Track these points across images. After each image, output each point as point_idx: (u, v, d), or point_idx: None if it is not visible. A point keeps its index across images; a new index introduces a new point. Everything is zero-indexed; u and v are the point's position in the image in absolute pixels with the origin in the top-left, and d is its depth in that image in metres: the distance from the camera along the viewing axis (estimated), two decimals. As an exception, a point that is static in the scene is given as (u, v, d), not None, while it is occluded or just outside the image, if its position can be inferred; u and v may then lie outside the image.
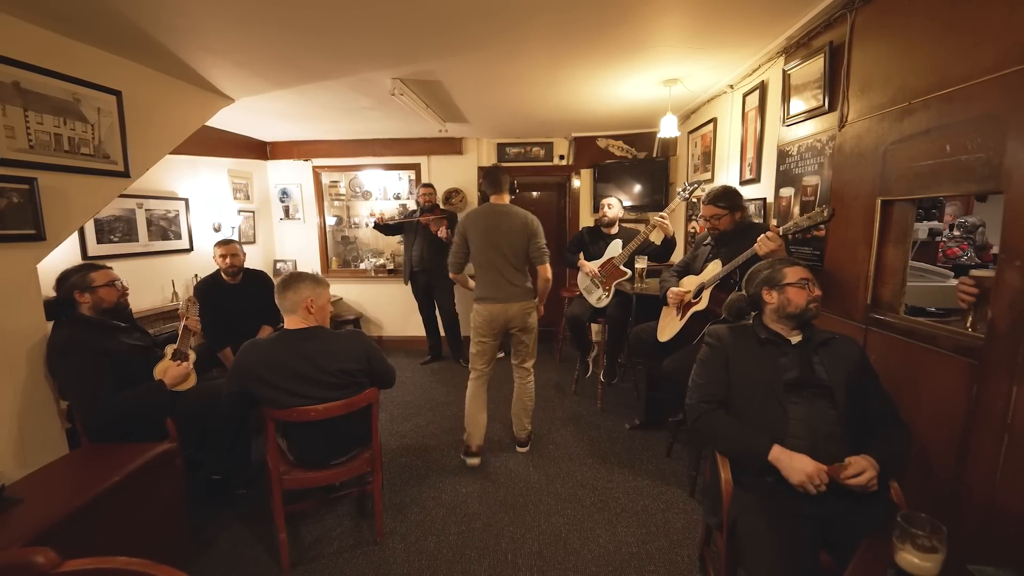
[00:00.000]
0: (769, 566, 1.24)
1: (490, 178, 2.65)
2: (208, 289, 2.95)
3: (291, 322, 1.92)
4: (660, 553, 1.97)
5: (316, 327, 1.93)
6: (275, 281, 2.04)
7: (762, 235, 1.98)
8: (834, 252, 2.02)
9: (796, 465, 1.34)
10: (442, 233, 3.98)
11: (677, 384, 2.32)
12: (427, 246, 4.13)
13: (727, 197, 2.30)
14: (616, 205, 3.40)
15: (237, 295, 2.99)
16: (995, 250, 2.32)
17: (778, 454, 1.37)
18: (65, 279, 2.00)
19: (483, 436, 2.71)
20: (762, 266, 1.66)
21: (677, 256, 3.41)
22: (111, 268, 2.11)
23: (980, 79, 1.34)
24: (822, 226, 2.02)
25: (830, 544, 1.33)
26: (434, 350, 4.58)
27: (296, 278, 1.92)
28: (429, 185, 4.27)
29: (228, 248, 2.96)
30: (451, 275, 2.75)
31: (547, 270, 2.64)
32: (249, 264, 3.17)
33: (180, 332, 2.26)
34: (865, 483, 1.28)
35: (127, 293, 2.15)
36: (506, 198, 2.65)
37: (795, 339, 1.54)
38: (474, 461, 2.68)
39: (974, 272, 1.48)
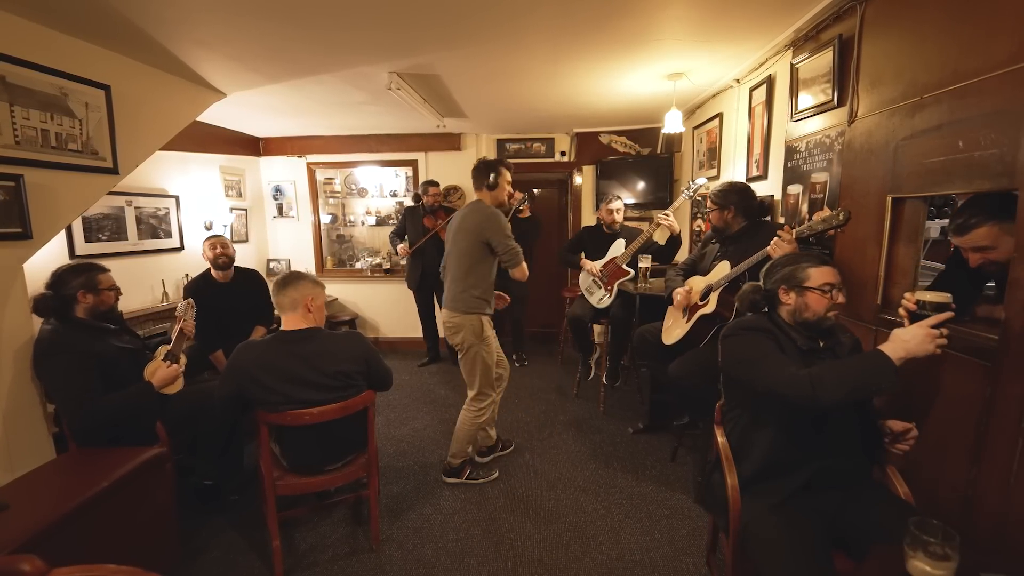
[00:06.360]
0: (788, 571, 1.21)
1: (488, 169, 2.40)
2: (198, 288, 2.89)
3: (289, 322, 1.89)
4: (665, 560, 1.93)
5: (314, 328, 1.89)
6: (268, 281, 2.00)
7: (776, 237, 1.92)
8: (843, 251, 1.98)
9: (911, 340, 1.20)
10: None
11: (682, 388, 2.28)
12: (437, 253, 4.07)
13: (723, 194, 2.27)
14: (622, 206, 3.38)
15: (229, 294, 2.94)
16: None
17: (898, 352, 1.19)
18: (69, 278, 1.95)
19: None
20: (784, 260, 1.48)
21: (683, 255, 3.37)
22: (110, 271, 2.09)
23: (993, 73, 1.30)
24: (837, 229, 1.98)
25: (842, 545, 1.31)
26: (432, 352, 4.54)
27: (297, 275, 1.91)
28: (436, 184, 4.14)
29: (218, 239, 2.93)
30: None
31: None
32: (242, 263, 3.13)
33: (175, 334, 2.21)
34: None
35: (120, 296, 2.12)
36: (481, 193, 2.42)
37: (821, 343, 1.42)
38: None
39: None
